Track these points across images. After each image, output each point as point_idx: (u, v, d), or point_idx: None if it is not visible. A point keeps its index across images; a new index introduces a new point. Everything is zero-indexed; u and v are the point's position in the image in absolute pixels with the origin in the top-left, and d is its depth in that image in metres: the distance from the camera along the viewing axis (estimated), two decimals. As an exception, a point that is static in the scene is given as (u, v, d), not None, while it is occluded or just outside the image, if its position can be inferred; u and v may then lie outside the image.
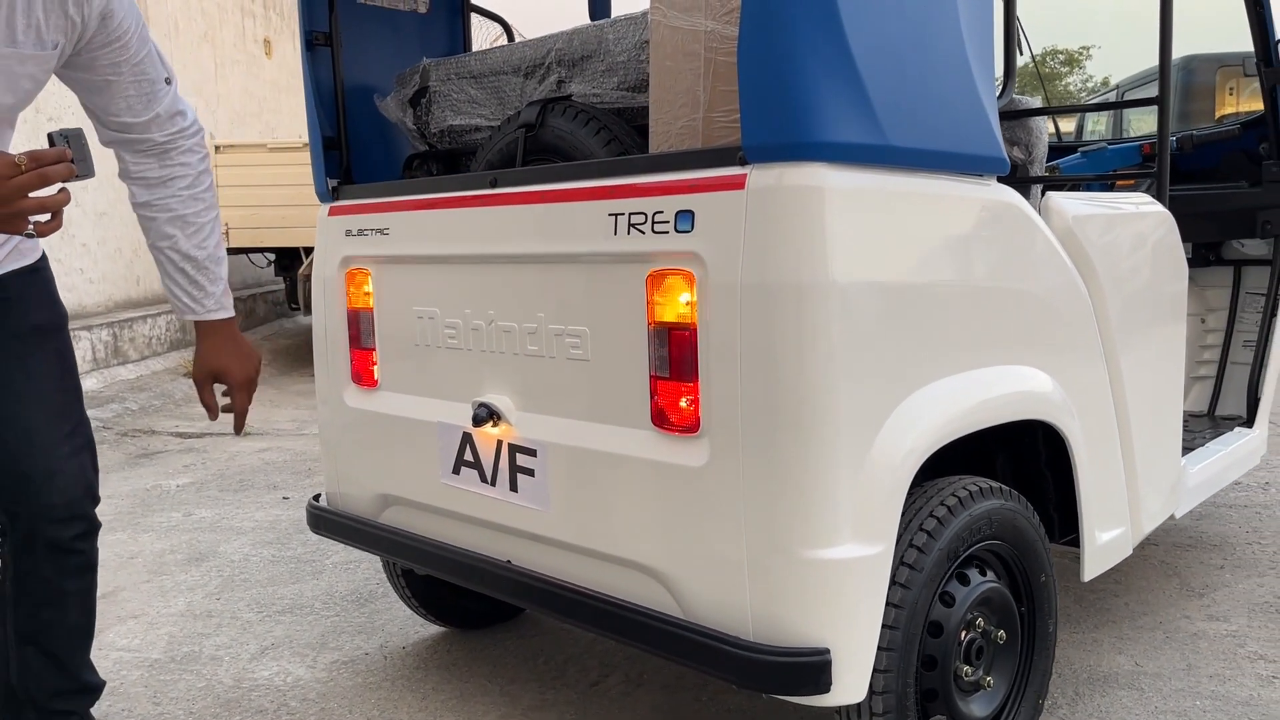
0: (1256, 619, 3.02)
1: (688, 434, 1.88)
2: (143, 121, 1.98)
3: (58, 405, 2.00)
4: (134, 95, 1.95)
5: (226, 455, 5.84)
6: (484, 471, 2.28)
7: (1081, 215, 2.27)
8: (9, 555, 2.04)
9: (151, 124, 1.99)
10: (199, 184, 2.07)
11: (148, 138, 1.99)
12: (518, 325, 2.18)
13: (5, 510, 2.00)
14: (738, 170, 1.76)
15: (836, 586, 1.74)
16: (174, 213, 2.05)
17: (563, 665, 2.85)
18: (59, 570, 2.04)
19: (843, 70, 1.70)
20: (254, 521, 4.45)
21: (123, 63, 1.91)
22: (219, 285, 2.13)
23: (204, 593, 3.57)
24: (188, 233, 2.06)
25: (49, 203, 1.64)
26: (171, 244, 2.07)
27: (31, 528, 1.99)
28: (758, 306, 1.73)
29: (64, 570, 2.05)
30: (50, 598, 2.06)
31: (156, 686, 2.83)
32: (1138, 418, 2.47)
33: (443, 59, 2.69)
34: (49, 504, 1.98)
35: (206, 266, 2.10)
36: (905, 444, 1.81)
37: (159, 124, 2.00)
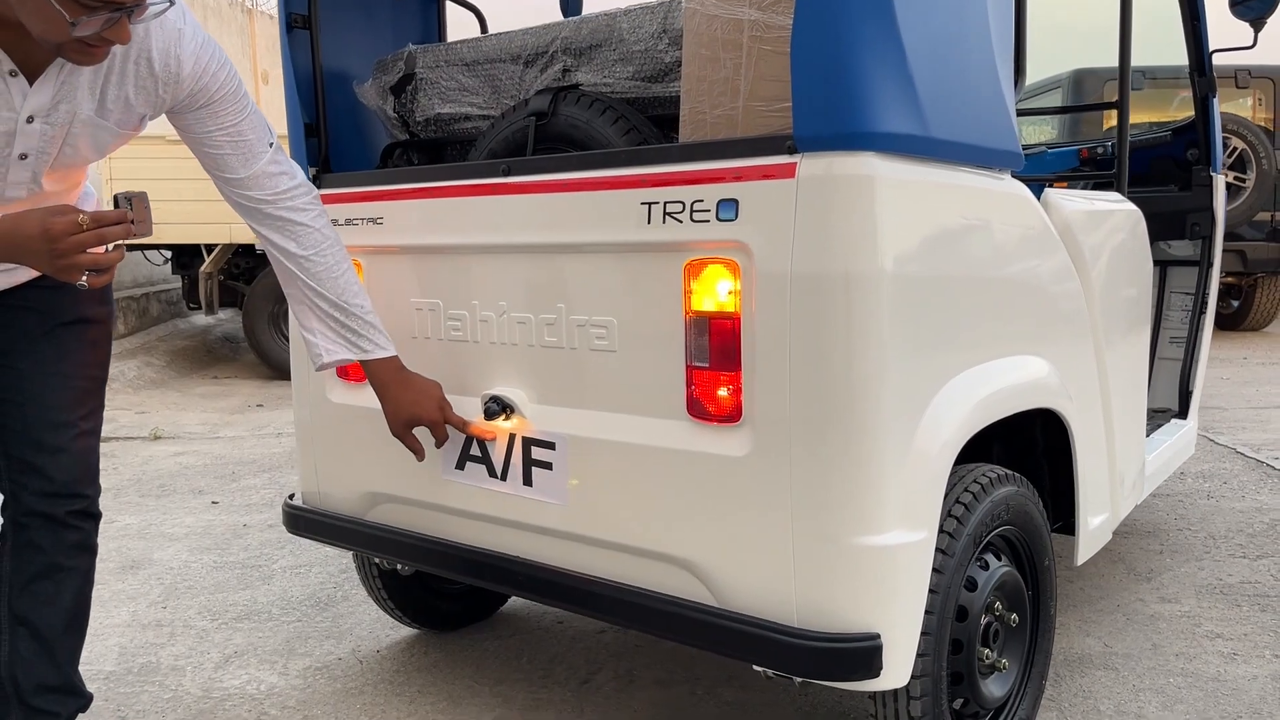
0: (1205, 600, 3.17)
1: (727, 424, 1.87)
2: (241, 177, 2.04)
3: (81, 391, 2.08)
4: (230, 153, 2.01)
5: (139, 460, 5.57)
6: (493, 466, 2.23)
7: (1077, 211, 2.35)
8: (9, 528, 2.08)
9: (249, 182, 2.04)
10: (323, 241, 2.12)
11: (250, 194, 2.06)
12: (534, 317, 2.14)
13: (9, 483, 2.06)
14: (787, 159, 1.76)
15: (886, 572, 1.76)
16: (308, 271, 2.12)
17: (549, 664, 2.81)
18: (56, 543, 2.08)
19: (894, 62, 1.73)
20: (185, 528, 4.25)
21: (214, 127, 1.98)
22: (369, 329, 2.18)
23: (147, 601, 3.40)
24: (325, 289, 2.13)
25: (102, 260, 1.72)
26: (315, 293, 2.14)
27: (32, 501, 2.05)
28: (808, 295, 1.74)
29: (60, 544, 2.08)
30: (45, 570, 2.08)
31: (118, 699, 2.69)
32: (1117, 408, 2.57)
33: (431, 45, 2.62)
34: (51, 478, 2.04)
35: (353, 313, 2.16)
36: (945, 431, 1.84)
37: (258, 183, 2.05)
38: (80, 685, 2.20)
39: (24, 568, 2.08)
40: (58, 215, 1.67)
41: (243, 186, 2.05)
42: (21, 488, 2.05)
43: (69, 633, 2.15)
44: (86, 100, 1.81)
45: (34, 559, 2.07)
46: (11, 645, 2.10)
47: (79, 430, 2.06)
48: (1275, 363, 8.01)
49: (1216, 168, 3.69)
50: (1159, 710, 2.48)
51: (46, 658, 2.11)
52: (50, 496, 2.05)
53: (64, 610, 2.12)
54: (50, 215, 1.67)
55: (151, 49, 1.83)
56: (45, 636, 2.10)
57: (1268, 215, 9.17)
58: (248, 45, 13.24)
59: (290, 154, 2.60)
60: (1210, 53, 3.60)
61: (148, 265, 9.41)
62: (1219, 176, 3.71)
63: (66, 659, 2.15)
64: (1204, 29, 3.57)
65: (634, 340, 1.99)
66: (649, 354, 1.97)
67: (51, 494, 2.05)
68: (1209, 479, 4.61)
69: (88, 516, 2.12)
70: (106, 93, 1.83)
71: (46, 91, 1.76)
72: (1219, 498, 4.31)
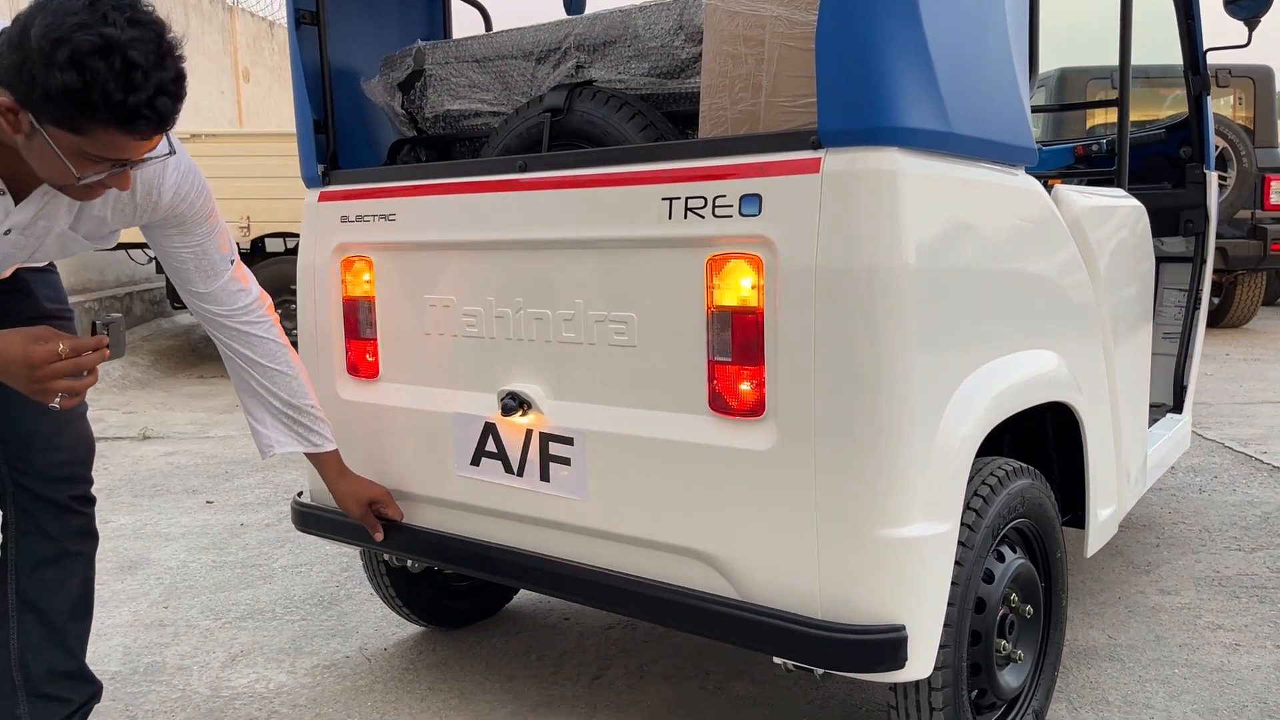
0: (1204, 592, 3.21)
1: (750, 418, 1.88)
2: (202, 292, 2.13)
3: None
4: (193, 271, 2.10)
5: (129, 460, 5.53)
6: (509, 462, 2.23)
7: (1086, 206, 2.37)
8: (12, 518, 2.10)
9: (209, 297, 2.14)
10: (279, 351, 2.24)
11: (209, 309, 2.15)
12: (551, 312, 2.15)
13: (10, 472, 2.08)
14: (811, 154, 1.78)
15: (911, 564, 1.78)
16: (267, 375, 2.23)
17: (559, 660, 2.81)
18: (62, 529, 2.11)
19: (918, 58, 1.74)
20: (181, 527, 4.23)
21: (181, 245, 2.06)
22: (319, 424, 2.33)
23: (148, 601, 3.38)
24: (281, 391, 2.25)
25: (78, 386, 1.76)
26: (271, 394, 2.25)
27: (35, 487, 2.08)
28: (833, 290, 1.75)
29: (66, 529, 2.12)
30: (52, 555, 2.11)
31: (126, 699, 2.67)
32: (1124, 399, 2.60)
33: (440, 41, 2.62)
34: (53, 462, 2.08)
35: (306, 411, 2.29)
36: (966, 424, 1.86)
37: (217, 299, 2.14)
38: (91, 673, 2.23)
39: (30, 554, 2.10)
40: (38, 343, 1.71)
41: (204, 300, 2.14)
42: (22, 474, 2.07)
43: (76, 618, 2.18)
44: (64, 218, 1.88)
45: (41, 545, 2.10)
46: (20, 632, 2.12)
47: (69, 416, 2.10)
48: (1257, 359, 8.11)
49: (1210, 165, 3.74)
50: (1166, 700, 2.51)
51: (57, 643, 2.14)
52: (51, 482, 2.08)
53: (72, 596, 2.15)
54: (31, 342, 1.71)
55: (135, 180, 1.87)
56: (55, 622, 2.13)
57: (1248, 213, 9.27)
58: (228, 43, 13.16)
59: (299, 151, 2.60)
60: (1205, 51, 3.64)
61: (131, 264, 9.34)
62: (1212, 174, 3.75)
63: (77, 645, 2.19)
64: (1198, 28, 3.61)
65: (654, 335, 2.00)
66: (670, 349, 1.98)
67: (57, 479, 2.09)
68: (1200, 473, 4.66)
69: (88, 501, 2.17)
70: (86, 212, 1.90)
71: (29, 210, 1.82)
72: (1211, 492, 4.36)
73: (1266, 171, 9.24)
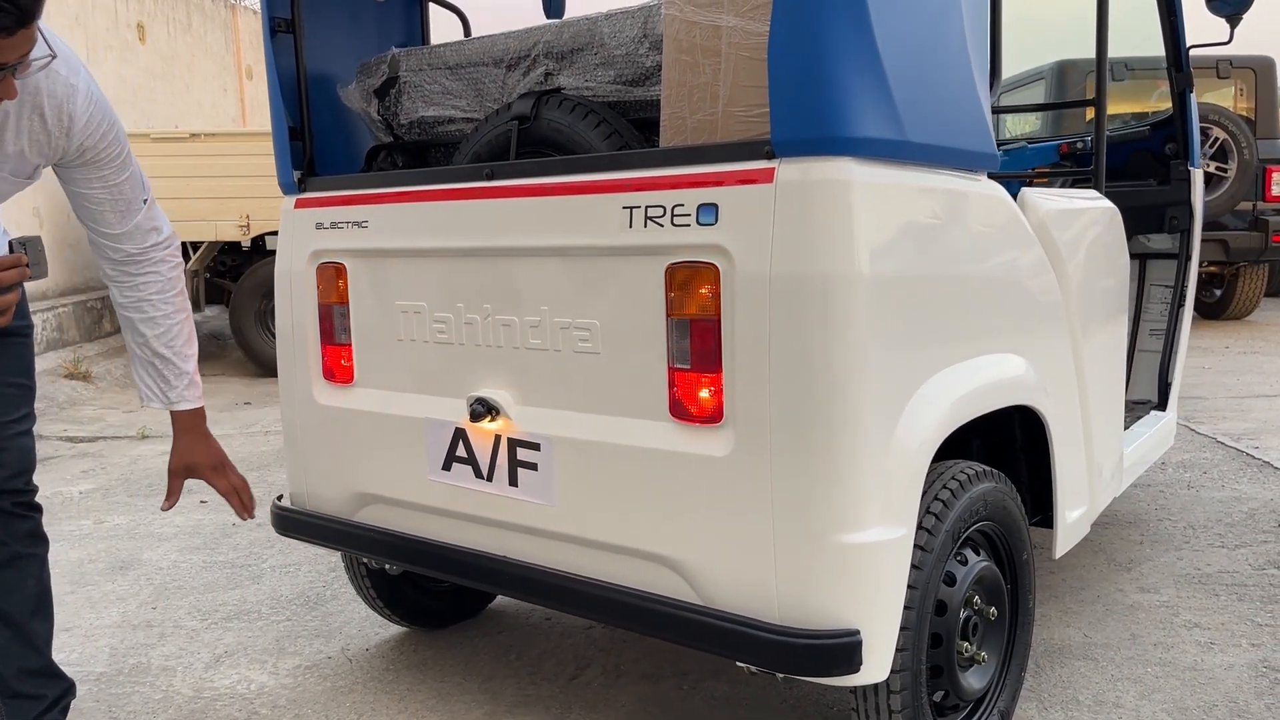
0: (1184, 590, 3.22)
1: (709, 424, 1.90)
2: (116, 233, 2.17)
3: (10, 396, 2.19)
4: (109, 211, 2.15)
5: (127, 460, 5.58)
6: (479, 467, 2.26)
7: (1053, 210, 2.38)
8: None
9: (124, 237, 2.18)
10: (169, 289, 2.26)
11: (121, 248, 2.19)
12: (518, 319, 2.17)
13: None
14: (765, 164, 1.79)
15: (866, 569, 1.80)
16: (146, 315, 2.25)
17: (538, 660, 2.84)
18: (10, 534, 2.20)
19: (871, 68, 1.76)
20: (174, 527, 4.27)
21: (98, 183, 2.11)
22: (183, 380, 2.31)
23: (137, 602, 3.42)
24: (157, 333, 2.25)
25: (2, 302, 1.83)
26: (144, 342, 2.26)
27: None
28: (787, 298, 1.77)
29: (14, 534, 2.20)
30: (6, 560, 2.19)
31: (110, 700, 2.71)
32: (1095, 401, 2.61)
33: (414, 48, 2.64)
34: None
35: (172, 362, 2.28)
36: (923, 429, 1.88)
37: (131, 237, 2.19)
38: (60, 670, 2.30)
39: None
40: None
41: (118, 240, 2.18)
42: None
43: (37, 618, 2.25)
44: None
45: None
46: None
47: (14, 431, 2.18)
48: (1256, 351, 8.09)
49: (1195, 162, 3.73)
50: (1136, 699, 2.53)
51: (22, 642, 2.22)
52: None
53: (30, 596, 2.23)
54: None
55: (44, 105, 1.94)
56: (17, 622, 2.21)
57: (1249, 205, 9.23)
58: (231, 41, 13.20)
59: (275, 158, 2.62)
60: (1188, 48, 3.64)
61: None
62: (1197, 170, 3.75)
63: (42, 644, 2.26)
64: (1181, 24, 3.60)
65: (617, 343, 2.02)
66: (632, 356, 2.00)
67: None
68: (1189, 469, 4.67)
69: (33, 507, 2.25)
70: (4, 146, 1.95)
71: None
72: (1199, 487, 4.36)
73: (1267, 163, 9.20)
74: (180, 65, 11.56)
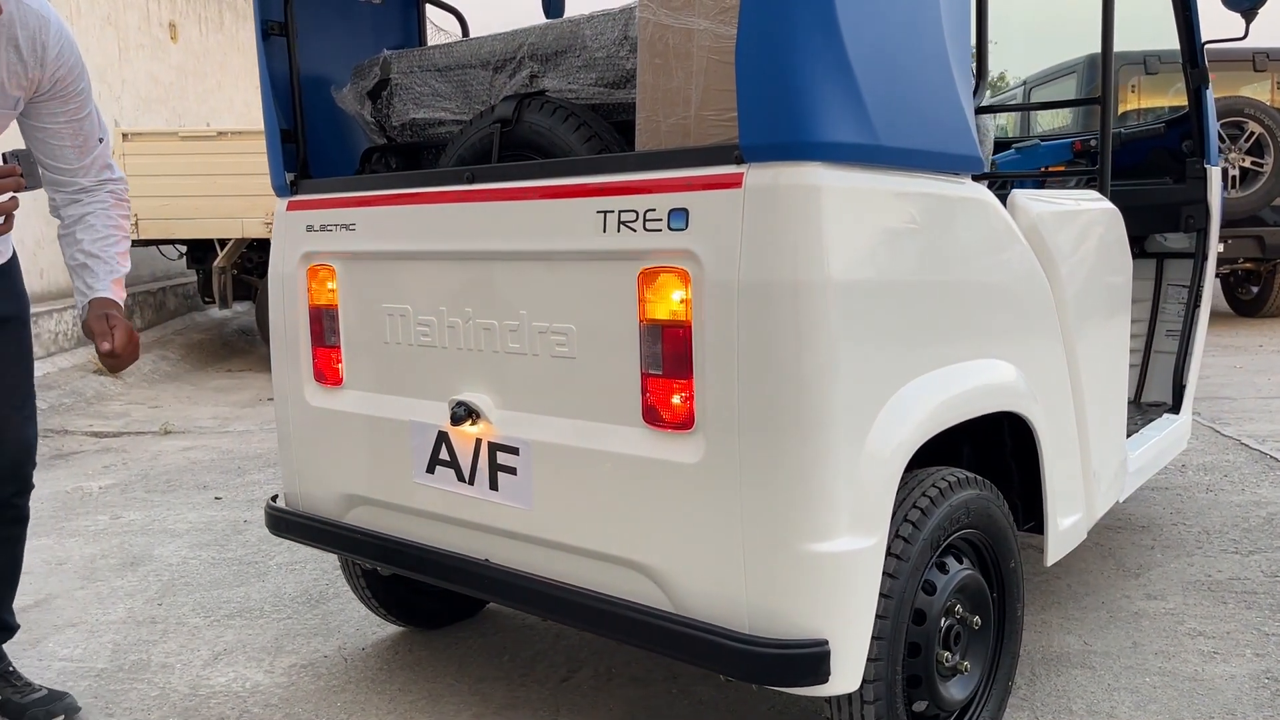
0: (1191, 597, 3.16)
1: (680, 430, 1.89)
2: (73, 168, 2.34)
3: (12, 383, 2.38)
4: (69, 146, 2.32)
5: (149, 455, 5.65)
6: (461, 470, 2.26)
7: (1045, 212, 2.34)
8: None
9: (79, 171, 2.35)
10: (113, 213, 2.40)
11: (76, 181, 2.36)
12: (498, 323, 2.17)
13: None
14: (734, 169, 1.77)
15: (834, 579, 1.78)
16: (86, 225, 2.37)
17: (530, 662, 2.84)
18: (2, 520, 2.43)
19: (839, 71, 1.73)
20: (188, 523, 4.32)
21: (64, 117, 2.28)
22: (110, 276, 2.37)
23: (144, 598, 3.46)
24: (94, 237, 2.37)
25: None
26: (79, 247, 2.37)
27: None
28: (755, 304, 1.75)
29: (3, 520, 2.44)
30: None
31: (108, 697, 2.74)
32: (1092, 406, 2.56)
33: (405, 50, 2.64)
34: None
35: (103, 259, 2.37)
36: (896, 437, 1.85)
37: (86, 172, 2.36)
38: (9, 620, 2.61)
39: None
40: None
41: (76, 175, 2.34)
42: None
43: (7, 586, 2.57)
44: None
45: None
46: None
47: (18, 419, 2.38)
48: (1291, 350, 7.93)
49: (1211, 160, 3.66)
50: (1131, 710, 2.48)
51: None
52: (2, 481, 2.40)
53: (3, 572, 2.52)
54: None
55: (18, 36, 2.12)
56: None
57: (1287, 200, 9.03)
58: None
59: (268, 160, 2.64)
60: (1202, 44, 3.57)
61: (163, 260, 9.51)
62: (1214, 168, 3.67)
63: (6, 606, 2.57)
64: (1195, 20, 3.53)
65: (592, 347, 2.01)
66: (607, 361, 1.99)
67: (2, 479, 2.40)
68: (1210, 471, 4.58)
69: (25, 493, 2.48)
70: None
71: None
72: (1218, 491, 4.28)
73: (1306, 157, 8.99)
74: (212, 63, 11.69)
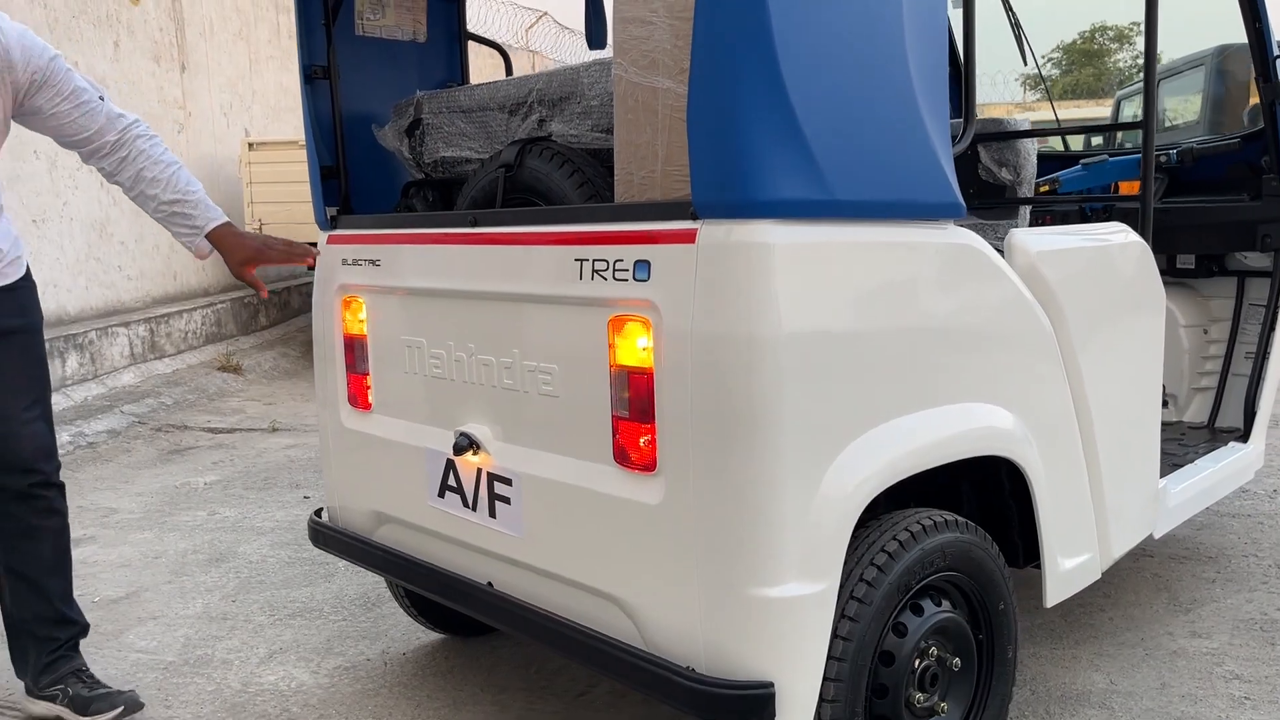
0: (1239, 636, 3.05)
1: (645, 472, 1.96)
2: (94, 131, 2.53)
3: (19, 386, 2.59)
4: (78, 116, 2.51)
5: (254, 451, 6.01)
6: (466, 496, 2.39)
7: (1045, 250, 2.32)
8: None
9: (101, 131, 2.54)
10: (155, 153, 2.59)
11: (105, 140, 2.55)
12: (495, 359, 2.28)
13: None
14: (689, 224, 1.84)
15: (780, 623, 1.83)
16: (150, 179, 2.57)
17: (552, 675, 2.96)
18: (28, 510, 2.63)
19: (787, 131, 1.77)
20: (274, 521, 4.60)
21: (59, 98, 2.47)
22: (199, 208, 2.62)
23: (221, 594, 3.73)
24: (162, 188, 2.59)
25: None
26: (158, 202, 2.59)
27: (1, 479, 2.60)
28: (707, 354, 1.81)
29: (32, 510, 2.64)
30: (24, 531, 2.65)
31: (169, 689, 2.98)
32: (1106, 446, 2.52)
33: (434, 92, 2.78)
34: (8, 460, 2.58)
35: (185, 200, 2.60)
36: (850, 486, 1.88)
37: (107, 130, 2.54)
38: (71, 615, 2.75)
39: (7, 531, 2.65)
40: None
41: (99, 136, 2.52)
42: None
43: (55, 576, 2.71)
44: None
45: (13, 524, 2.64)
46: (11, 589, 2.71)
47: (21, 419, 2.58)
48: None
49: (1290, 176, 3.50)
50: (1139, 756, 2.44)
51: (40, 597, 2.69)
52: (13, 474, 2.59)
53: (45, 559, 2.68)
54: None
55: None
56: (36, 581, 2.68)
57: None
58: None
59: (311, 196, 2.82)
60: (1276, 57, 3.41)
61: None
62: None
63: (56, 596, 2.71)
64: (1268, 32, 3.38)
65: (573, 387, 2.10)
66: (585, 401, 2.08)
67: (13, 471, 2.59)
68: (1302, 498, 4.37)
69: (49, 485, 2.65)
70: None
71: None
72: (1304, 520, 4.08)
73: None
74: (340, 71, 12.19)
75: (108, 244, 7.90)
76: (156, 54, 8.62)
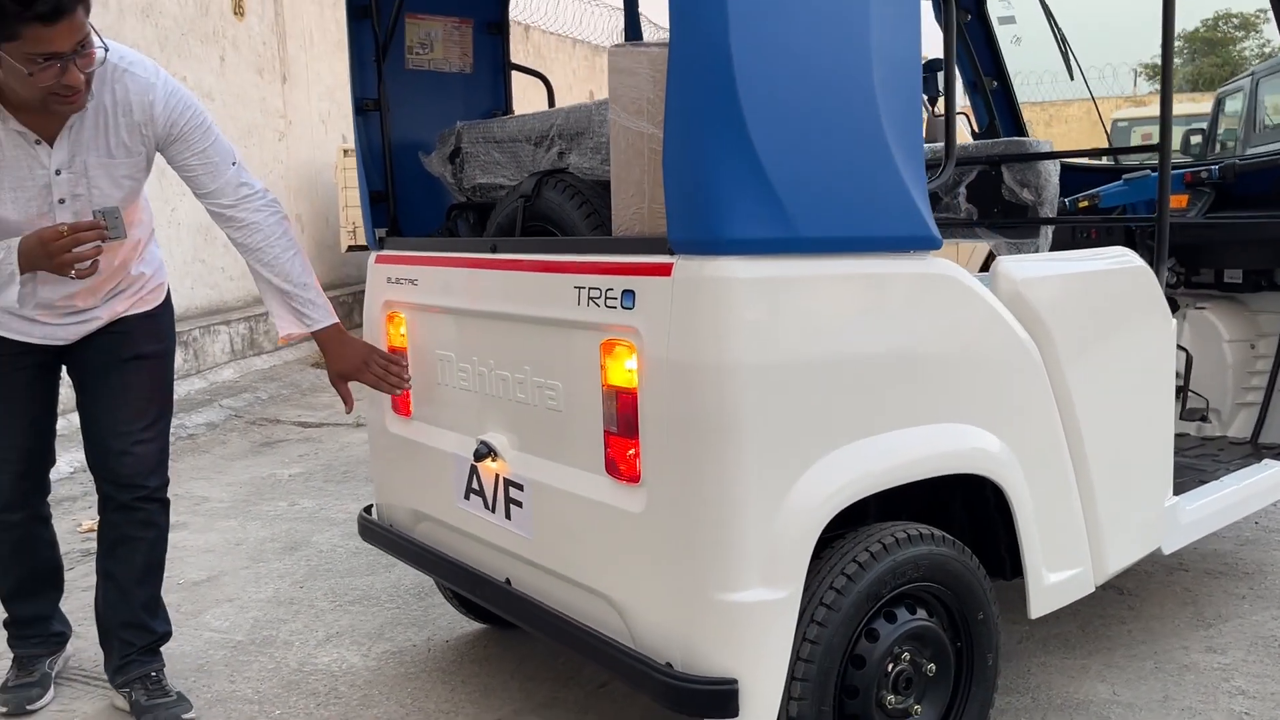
0: (1255, 653, 3.08)
1: (631, 483, 2.15)
2: (210, 190, 2.70)
3: (140, 408, 2.78)
4: (202, 174, 2.68)
5: (338, 446, 6.37)
6: (487, 499, 2.61)
7: (1030, 277, 2.42)
8: (100, 510, 2.87)
9: (217, 193, 2.70)
10: (273, 234, 2.73)
11: (219, 201, 2.71)
12: (510, 375, 2.49)
13: (95, 477, 2.85)
14: (666, 259, 2.01)
15: (743, 625, 2.00)
16: (261, 260, 2.73)
17: (579, 666, 3.16)
18: (126, 520, 2.84)
19: (751, 175, 1.93)
20: (347, 513, 4.91)
21: (189, 154, 2.65)
22: (309, 306, 2.77)
23: (291, 580, 4.03)
24: (274, 272, 2.74)
25: (83, 256, 2.41)
26: (266, 281, 2.76)
27: (107, 490, 2.83)
28: (680, 380, 1.99)
29: (130, 521, 2.83)
30: (121, 538, 2.85)
31: (235, 666, 3.28)
32: (1100, 465, 2.60)
33: (472, 123, 3.00)
34: (117, 473, 2.79)
35: (293, 294, 2.75)
36: (815, 501, 2.03)
37: (223, 193, 2.70)
38: (150, 624, 2.93)
39: (106, 537, 2.87)
40: (46, 227, 2.42)
41: (214, 196, 2.68)
42: (102, 480, 2.83)
43: (142, 585, 2.89)
44: (94, 149, 2.52)
45: (112, 532, 2.85)
46: (104, 593, 2.91)
47: (137, 439, 2.76)
48: None
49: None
50: (1124, 765, 2.52)
51: (125, 602, 2.88)
52: (119, 486, 2.79)
53: (136, 568, 2.86)
54: (42, 229, 2.42)
55: (131, 104, 2.53)
56: (123, 586, 2.87)
57: None
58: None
59: (362, 218, 3.07)
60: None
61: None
62: None
63: (140, 604, 2.89)
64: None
65: (573, 403, 2.30)
66: (583, 416, 2.27)
67: (120, 484, 2.79)
68: (1359, 516, 4.30)
69: (151, 500, 2.83)
70: (108, 140, 2.54)
71: (64, 149, 2.50)
72: (1356, 538, 4.04)
73: None
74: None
75: (212, 247, 8.40)
76: (260, 66, 9.10)
